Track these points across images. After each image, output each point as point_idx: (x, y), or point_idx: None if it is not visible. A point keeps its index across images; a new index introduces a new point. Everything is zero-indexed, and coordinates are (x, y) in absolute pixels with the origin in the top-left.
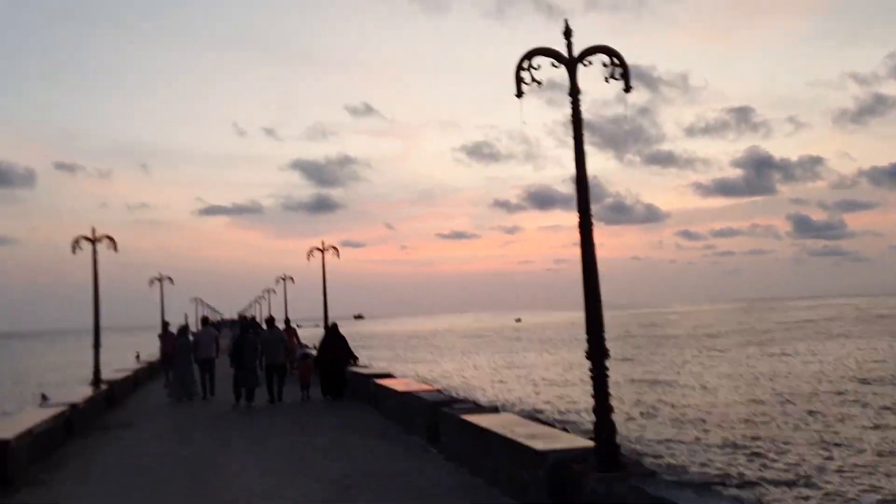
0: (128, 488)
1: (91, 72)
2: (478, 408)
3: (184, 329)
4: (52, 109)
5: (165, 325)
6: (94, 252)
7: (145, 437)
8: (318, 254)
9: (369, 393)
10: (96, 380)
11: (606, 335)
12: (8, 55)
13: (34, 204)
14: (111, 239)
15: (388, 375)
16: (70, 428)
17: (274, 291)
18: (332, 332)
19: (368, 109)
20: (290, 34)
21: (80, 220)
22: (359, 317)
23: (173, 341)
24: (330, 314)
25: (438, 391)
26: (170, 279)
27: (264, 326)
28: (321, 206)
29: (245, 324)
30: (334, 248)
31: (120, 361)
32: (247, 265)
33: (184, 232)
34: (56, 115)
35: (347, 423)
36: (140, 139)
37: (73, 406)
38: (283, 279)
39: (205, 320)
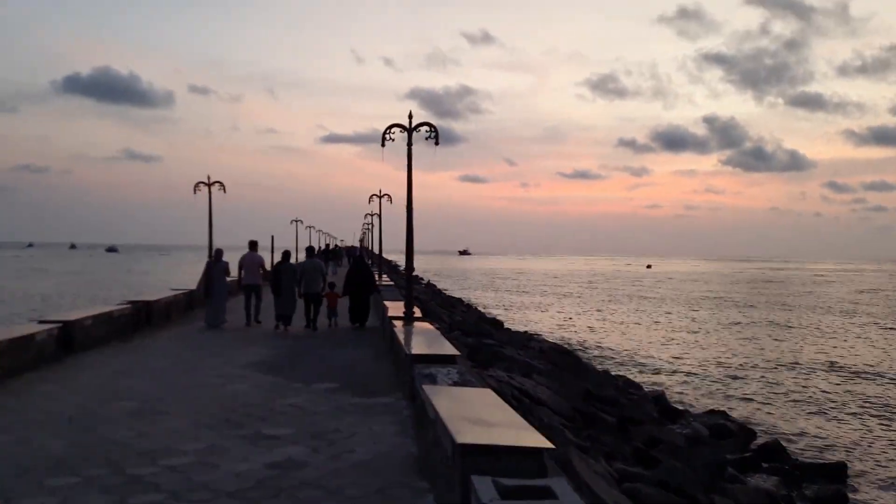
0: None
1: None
2: None
3: (219, 252)
4: (190, 36)
5: (218, 251)
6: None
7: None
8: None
9: None
10: None
11: None
12: None
13: (173, 125)
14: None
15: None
16: None
17: (377, 215)
18: (357, 263)
19: (487, 38)
20: None
21: (214, 141)
22: (464, 252)
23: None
24: (438, 248)
25: None
26: (221, 184)
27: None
28: (441, 138)
29: (285, 253)
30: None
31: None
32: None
33: (309, 158)
34: (194, 42)
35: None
36: (267, 67)
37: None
38: (379, 196)
39: (252, 245)
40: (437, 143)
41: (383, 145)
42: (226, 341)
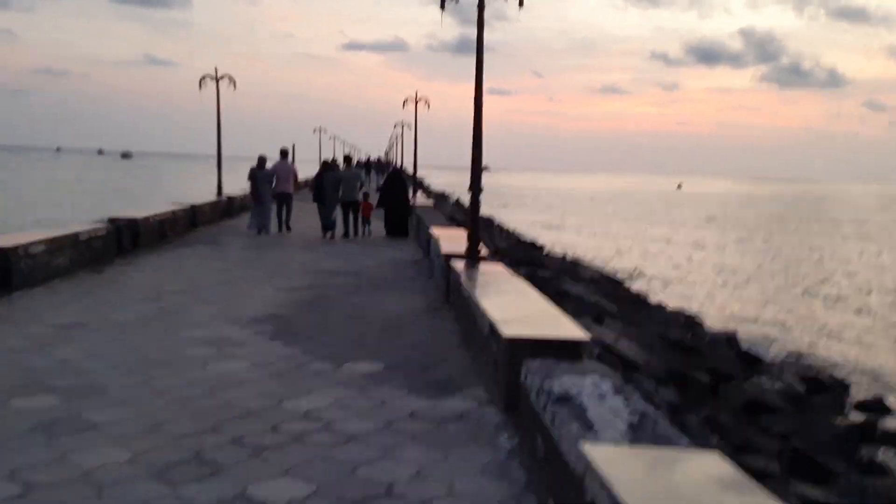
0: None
1: None
2: None
3: (262, 159)
4: None
5: (261, 158)
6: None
7: None
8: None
9: None
10: None
11: None
12: None
13: (190, 28)
14: (231, 78)
15: None
16: None
17: (408, 127)
18: (393, 176)
19: None
20: None
21: (232, 47)
22: (483, 168)
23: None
24: (456, 163)
25: None
26: (230, 78)
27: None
28: (466, 47)
29: (325, 163)
30: None
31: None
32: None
33: (331, 66)
34: None
35: None
36: None
37: None
38: (415, 101)
39: (283, 153)
40: (521, 4)
41: (442, 9)
42: (230, 274)
